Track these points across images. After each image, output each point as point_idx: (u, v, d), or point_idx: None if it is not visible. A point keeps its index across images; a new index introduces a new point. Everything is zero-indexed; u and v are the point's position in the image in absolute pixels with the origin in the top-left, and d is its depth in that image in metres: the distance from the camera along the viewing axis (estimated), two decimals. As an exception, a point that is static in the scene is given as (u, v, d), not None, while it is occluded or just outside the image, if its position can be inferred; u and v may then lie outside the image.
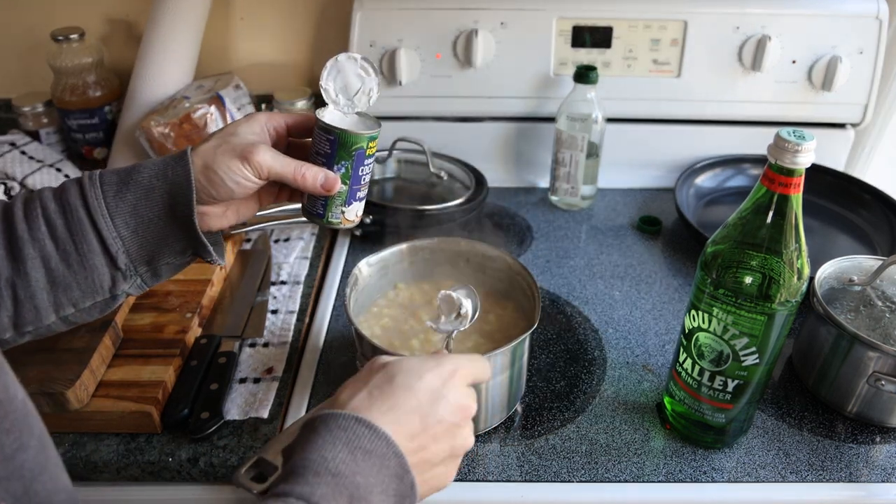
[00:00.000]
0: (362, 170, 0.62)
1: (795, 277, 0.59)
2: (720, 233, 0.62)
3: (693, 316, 0.65)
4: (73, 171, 1.04)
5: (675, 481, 0.68)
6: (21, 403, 0.37)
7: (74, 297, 0.55)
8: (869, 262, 0.78)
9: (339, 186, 0.61)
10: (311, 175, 0.59)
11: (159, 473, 0.69)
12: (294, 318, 0.87)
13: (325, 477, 0.42)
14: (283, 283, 0.93)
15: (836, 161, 1.12)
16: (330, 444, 0.43)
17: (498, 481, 0.68)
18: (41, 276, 0.52)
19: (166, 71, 1.05)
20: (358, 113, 0.64)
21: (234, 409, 0.74)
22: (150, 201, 0.55)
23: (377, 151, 0.63)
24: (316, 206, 0.62)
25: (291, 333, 0.85)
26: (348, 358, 0.82)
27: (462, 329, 0.63)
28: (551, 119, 1.06)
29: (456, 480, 0.66)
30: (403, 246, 0.81)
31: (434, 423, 0.48)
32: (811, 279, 0.74)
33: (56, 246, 0.53)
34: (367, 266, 0.78)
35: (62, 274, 0.53)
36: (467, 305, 0.63)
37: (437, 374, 0.50)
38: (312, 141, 0.61)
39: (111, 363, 0.75)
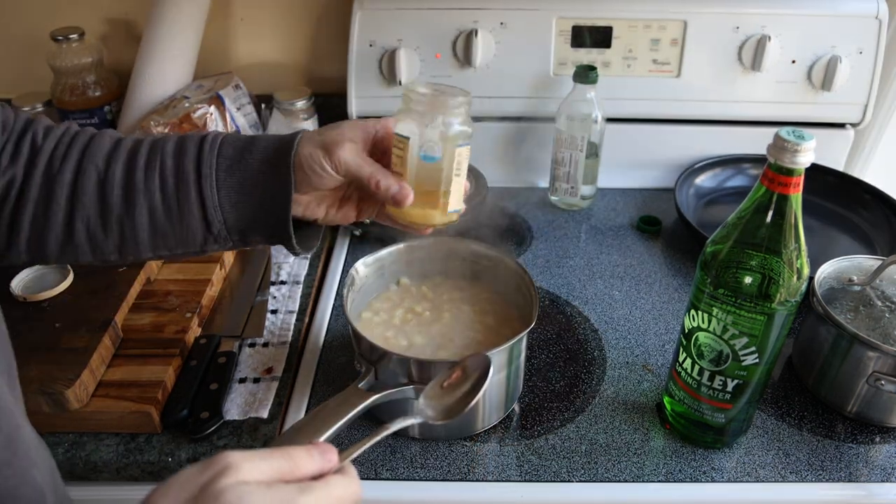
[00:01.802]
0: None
1: (795, 277, 0.59)
2: (720, 233, 0.62)
3: (693, 316, 0.65)
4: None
5: (674, 481, 0.68)
6: None
7: (170, 244, 0.60)
8: (869, 262, 0.78)
9: (410, 198, 0.59)
10: (385, 184, 0.59)
11: (159, 473, 0.69)
12: (294, 317, 0.87)
13: None
14: (282, 282, 0.93)
15: (836, 161, 1.12)
16: None
17: (497, 481, 0.67)
18: (145, 222, 0.58)
19: (166, 71, 1.05)
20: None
21: (234, 408, 0.74)
22: (256, 186, 0.59)
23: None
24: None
25: (291, 333, 0.85)
26: (347, 358, 0.82)
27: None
28: (551, 119, 1.06)
29: (456, 480, 0.67)
30: (401, 245, 0.81)
31: None
32: (811, 279, 0.74)
33: (164, 201, 0.58)
34: (363, 266, 0.78)
35: (163, 224, 0.58)
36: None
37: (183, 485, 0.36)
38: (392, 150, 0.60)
39: (111, 363, 0.75)
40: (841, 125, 1.11)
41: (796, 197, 0.57)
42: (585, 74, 1.00)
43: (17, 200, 0.56)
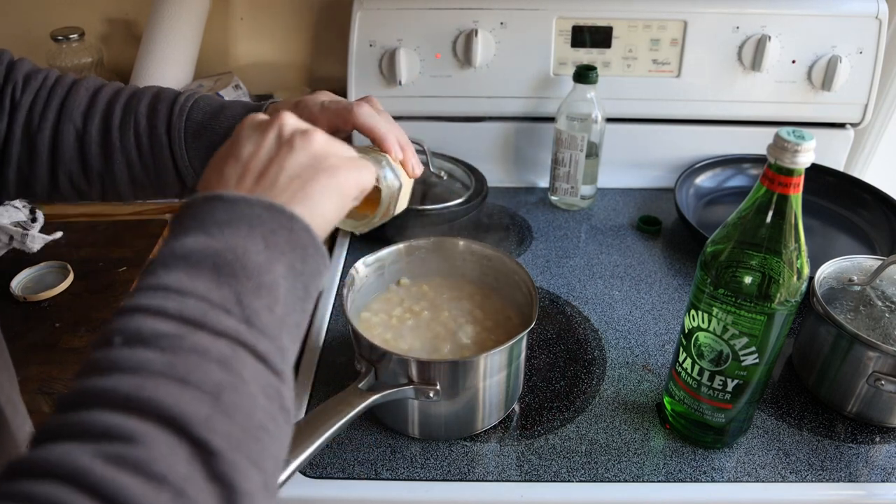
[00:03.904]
0: None
1: (795, 277, 0.59)
2: (720, 233, 0.62)
3: (693, 316, 0.65)
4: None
5: (674, 481, 0.67)
6: None
7: (148, 194, 0.63)
8: (869, 261, 0.78)
9: None
10: None
11: (159, 473, 0.69)
12: (294, 317, 0.87)
13: (176, 262, 0.37)
14: (282, 282, 0.93)
15: (836, 161, 1.12)
16: (181, 234, 0.39)
17: (497, 481, 0.67)
18: (125, 176, 0.60)
19: (166, 71, 1.05)
20: None
21: (234, 408, 0.74)
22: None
23: None
24: None
25: (291, 333, 0.84)
26: (347, 358, 0.82)
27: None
28: (551, 119, 1.06)
29: (456, 480, 0.67)
30: (401, 245, 0.81)
31: (245, 146, 0.44)
32: (811, 279, 0.74)
33: (140, 157, 0.60)
34: (363, 266, 0.78)
35: (141, 178, 0.61)
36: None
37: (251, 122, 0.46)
38: None
39: (111, 363, 0.75)
40: (841, 125, 1.11)
41: (796, 197, 0.57)
42: (585, 74, 1.00)
43: (2, 154, 0.58)
